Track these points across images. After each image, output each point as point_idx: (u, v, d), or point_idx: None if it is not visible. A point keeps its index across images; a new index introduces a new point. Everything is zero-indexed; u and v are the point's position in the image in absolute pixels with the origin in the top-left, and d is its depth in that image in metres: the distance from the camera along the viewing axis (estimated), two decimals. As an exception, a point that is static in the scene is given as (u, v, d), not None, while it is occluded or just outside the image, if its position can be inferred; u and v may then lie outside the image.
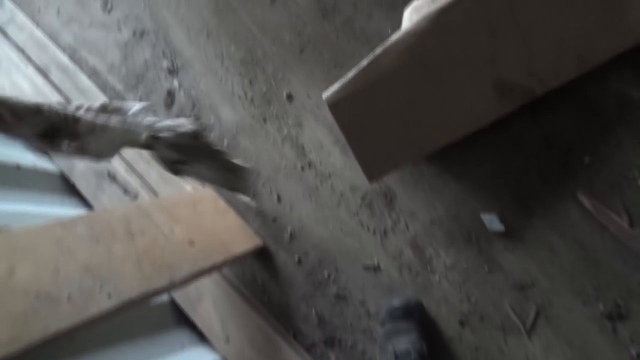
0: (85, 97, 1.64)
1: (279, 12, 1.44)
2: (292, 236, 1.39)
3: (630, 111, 1.11)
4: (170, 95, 1.55)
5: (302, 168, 1.37)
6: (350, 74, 1.11)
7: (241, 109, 1.44)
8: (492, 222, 1.17)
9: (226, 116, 1.47)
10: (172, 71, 1.55)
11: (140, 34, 1.61)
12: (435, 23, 1.09)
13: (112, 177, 1.56)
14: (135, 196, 1.53)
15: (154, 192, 1.53)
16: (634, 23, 1.08)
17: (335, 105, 1.11)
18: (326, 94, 1.12)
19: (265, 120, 1.42)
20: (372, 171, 1.16)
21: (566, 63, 1.11)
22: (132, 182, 1.53)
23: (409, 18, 1.16)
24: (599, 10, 1.09)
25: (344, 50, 1.32)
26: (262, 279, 1.44)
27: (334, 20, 1.39)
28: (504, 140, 1.19)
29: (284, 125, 1.39)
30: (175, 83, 1.54)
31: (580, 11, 1.09)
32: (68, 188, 1.61)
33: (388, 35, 1.16)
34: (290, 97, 1.39)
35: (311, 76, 1.37)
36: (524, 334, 1.13)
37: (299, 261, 1.38)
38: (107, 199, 1.57)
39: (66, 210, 1.52)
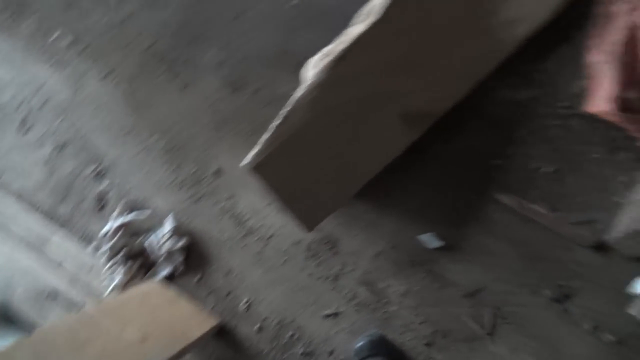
0: (14, 223, 1.62)
1: (192, 96, 1.52)
2: (248, 306, 1.38)
3: (521, 111, 1.24)
4: (101, 198, 1.56)
5: (244, 236, 1.39)
6: (265, 137, 1.18)
7: (174, 195, 1.47)
8: (431, 240, 1.22)
9: (161, 205, 1.49)
10: (99, 175, 1.57)
11: (61, 147, 1.63)
12: (332, 73, 1.19)
13: (54, 296, 1.51)
14: (82, 307, 1.48)
15: (100, 298, 1.49)
16: (500, 38, 1.22)
17: (256, 169, 1.16)
18: (245, 161, 1.17)
19: (199, 199, 1.44)
20: (308, 222, 1.20)
21: (457, 83, 1.23)
22: (76, 294, 1.49)
23: (308, 74, 1.26)
24: (472, 35, 1.24)
25: (259, 117, 1.40)
26: (228, 358, 1.40)
27: (244, 93, 1.48)
28: (423, 163, 1.27)
29: (219, 200, 1.42)
30: (104, 186, 1.55)
31: (458, 39, 1.23)
32: (9, 318, 1.53)
33: (293, 94, 1.25)
34: (218, 172, 1.44)
35: (234, 148, 1.42)
36: (487, 338, 1.16)
37: (260, 329, 1.36)
38: (54, 317, 1.51)
39: (7, 341, 1.44)
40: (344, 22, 1.28)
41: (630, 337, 1.09)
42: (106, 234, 1.43)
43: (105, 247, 1.41)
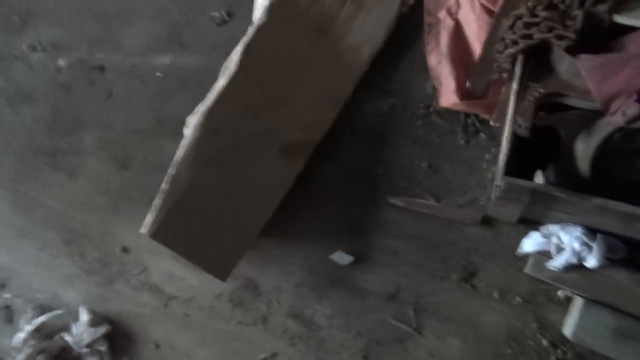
0: None
1: (80, 182, 1.50)
2: (186, 373, 1.35)
3: (387, 119, 1.36)
4: (7, 309, 1.47)
5: (166, 305, 1.37)
6: (157, 201, 1.20)
7: (84, 284, 1.43)
8: (341, 257, 1.28)
9: (73, 298, 1.43)
10: (0, 287, 1.49)
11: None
12: (205, 127, 1.24)
13: None
14: None
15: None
16: (351, 62, 1.35)
17: (156, 233, 1.17)
18: (143, 229, 1.18)
19: (111, 282, 1.41)
20: (220, 272, 1.22)
21: (323, 110, 1.33)
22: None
23: (186, 133, 1.31)
24: (325, 65, 1.35)
25: (151, 185, 1.40)
26: None
27: (132, 166, 1.49)
28: (314, 189, 1.34)
29: (131, 277, 1.40)
30: (7, 296, 1.48)
31: (312, 71, 1.34)
32: None
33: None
34: (125, 249, 1.42)
35: (134, 221, 1.41)
36: (415, 334, 1.22)
37: (203, 392, 1.34)
38: None
39: None
40: (211, 80, 1.34)
41: (534, 294, 1.20)
42: (19, 344, 1.36)
43: (21, 356, 1.33)
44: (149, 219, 1.18)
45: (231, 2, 1.61)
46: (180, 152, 1.23)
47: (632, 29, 0.98)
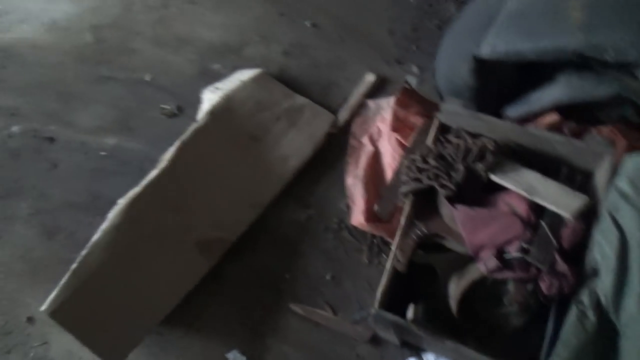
0: None
1: (4, 247, 1.54)
2: None
3: (302, 229, 1.45)
4: None
5: (58, 383, 1.37)
6: (64, 280, 1.24)
7: (-18, 351, 1.42)
8: (236, 357, 1.32)
9: (-32, 365, 1.42)
10: None
11: None
12: (126, 214, 1.32)
13: None
14: None
15: None
16: (277, 171, 1.46)
17: (54, 312, 1.21)
18: (44, 306, 1.21)
19: (9, 352, 1.42)
20: (111, 358, 1.24)
21: (244, 212, 1.43)
22: None
23: (109, 217, 1.38)
24: (252, 171, 1.46)
25: (72, 260, 1.45)
26: None
27: (58, 238, 1.54)
28: (223, 285, 1.40)
29: (30, 349, 1.41)
30: None
31: (240, 175, 1.45)
32: None
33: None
34: (30, 320, 1.44)
35: (48, 293, 1.44)
36: None
37: None
38: None
39: None
40: (151, 167, 1.45)
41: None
42: None
43: None
44: (51, 296, 1.22)
45: (183, 99, 1.75)
46: (96, 236, 1.30)
47: (505, 188, 1.12)
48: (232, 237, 1.40)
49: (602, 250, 0.93)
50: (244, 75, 1.64)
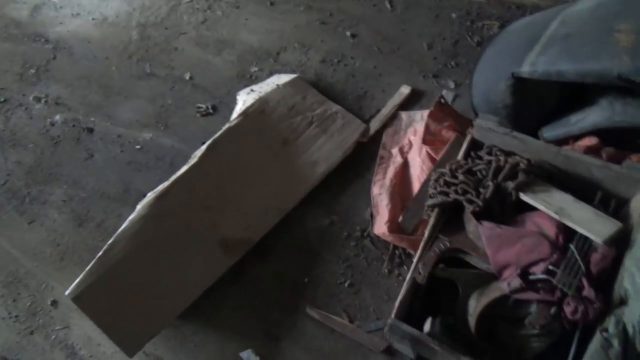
0: None
1: (37, 230, 1.60)
2: None
3: (324, 235, 1.45)
4: None
5: (76, 367, 1.40)
6: (89, 267, 1.28)
7: (7, 329, 1.47)
8: (250, 357, 1.32)
9: (-6, 341, 1.47)
10: None
11: None
12: (154, 207, 1.35)
13: None
14: None
15: None
16: (305, 175, 1.47)
17: (77, 298, 1.24)
18: (68, 290, 1.25)
19: (32, 332, 1.46)
20: (129, 347, 1.26)
21: (269, 214, 1.44)
22: None
23: (137, 208, 1.41)
24: (280, 175, 1.47)
25: (99, 248, 1.48)
26: None
27: (88, 226, 1.59)
28: (244, 285, 1.41)
29: (52, 332, 1.45)
30: None
31: (267, 178, 1.46)
32: None
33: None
34: (55, 303, 1.48)
35: (74, 279, 1.48)
36: None
37: None
38: None
39: None
40: (183, 162, 1.48)
41: None
42: None
43: None
44: (75, 282, 1.26)
45: (219, 99, 1.79)
46: (124, 226, 1.33)
47: (534, 208, 1.09)
48: (255, 238, 1.41)
49: (633, 279, 0.89)
50: (280, 79, 1.67)
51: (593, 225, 1.01)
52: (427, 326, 1.04)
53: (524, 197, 1.10)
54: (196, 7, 2.09)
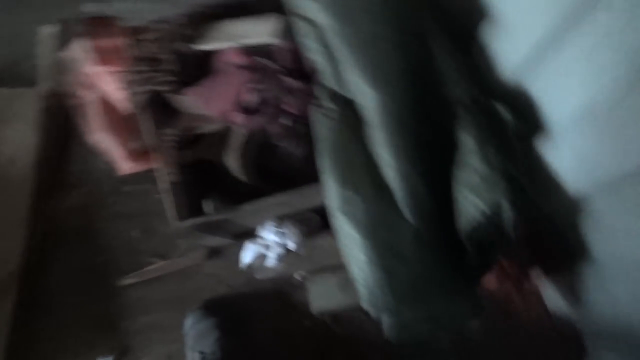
0: None
1: None
2: None
3: (86, 209, 1.32)
4: None
5: None
6: None
7: None
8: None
9: None
10: None
11: None
12: None
13: None
14: None
15: None
16: (15, 178, 1.26)
17: None
18: None
19: None
20: None
21: (12, 237, 1.24)
22: None
23: None
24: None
25: None
26: None
27: None
28: (44, 309, 1.26)
29: None
30: None
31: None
32: None
33: None
34: None
35: None
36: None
37: None
38: None
39: None
40: None
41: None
42: None
43: None
44: None
45: None
46: None
47: (214, 52, 1.10)
48: (13, 268, 1.23)
49: (310, 47, 0.98)
50: None
51: (263, 31, 1.07)
52: (206, 207, 1.05)
53: (200, 47, 1.11)
54: None
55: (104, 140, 1.34)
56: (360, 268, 0.87)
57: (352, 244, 0.88)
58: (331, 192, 0.90)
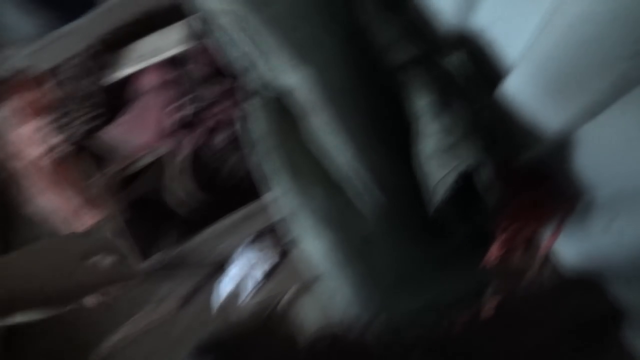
0: None
1: None
2: None
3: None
4: None
5: None
6: None
7: None
8: None
9: None
10: None
11: None
12: None
13: None
14: None
15: None
16: None
17: None
18: None
19: None
20: None
21: None
22: None
23: None
24: None
25: None
26: None
27: None
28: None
29: None
30: None
31: None
32: None
33: None
34: None
35: None
36: None
37: None
38: None
39: None
40: None
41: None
42: None
43: None
44: None
45: None
46: None
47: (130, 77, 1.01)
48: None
49: (235, 39, 0.88)
50: None
51: (171, 41, 0.98)
52: (166, 242, 0.95)
53: (115, 76, 1.01)
54: None
55: (51, 201, 1.24)
56: (332, 275, 0.76)
57: (316, 248, 0.77)
58: (284, 193, 0.79)
